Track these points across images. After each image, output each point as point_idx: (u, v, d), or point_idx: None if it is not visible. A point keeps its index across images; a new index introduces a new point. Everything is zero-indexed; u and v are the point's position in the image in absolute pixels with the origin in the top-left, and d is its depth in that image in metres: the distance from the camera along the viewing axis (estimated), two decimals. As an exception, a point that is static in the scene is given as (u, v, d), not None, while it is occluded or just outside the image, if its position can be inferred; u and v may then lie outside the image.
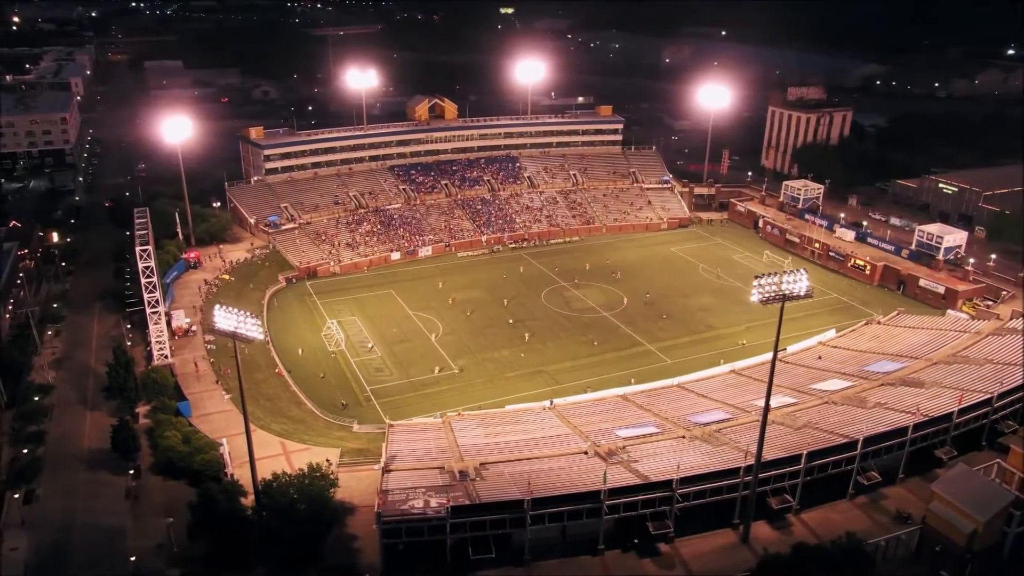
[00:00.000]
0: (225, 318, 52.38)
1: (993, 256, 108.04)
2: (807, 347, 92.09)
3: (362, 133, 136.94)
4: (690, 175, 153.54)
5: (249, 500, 56.91)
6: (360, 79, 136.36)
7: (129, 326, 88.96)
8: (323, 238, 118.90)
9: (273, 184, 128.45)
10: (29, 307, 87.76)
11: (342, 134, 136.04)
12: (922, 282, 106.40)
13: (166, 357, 79.05)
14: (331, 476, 57.77)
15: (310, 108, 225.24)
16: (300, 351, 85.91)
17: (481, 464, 62.39)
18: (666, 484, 54.64)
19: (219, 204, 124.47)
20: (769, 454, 57.61)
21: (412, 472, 61.16)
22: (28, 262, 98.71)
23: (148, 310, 76.61)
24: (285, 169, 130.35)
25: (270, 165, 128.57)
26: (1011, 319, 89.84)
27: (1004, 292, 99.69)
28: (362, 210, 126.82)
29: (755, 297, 52.59)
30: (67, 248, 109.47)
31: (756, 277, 52.91)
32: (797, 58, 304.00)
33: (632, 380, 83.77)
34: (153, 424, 68.23)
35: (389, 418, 76.49)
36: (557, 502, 52.86)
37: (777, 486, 58.21)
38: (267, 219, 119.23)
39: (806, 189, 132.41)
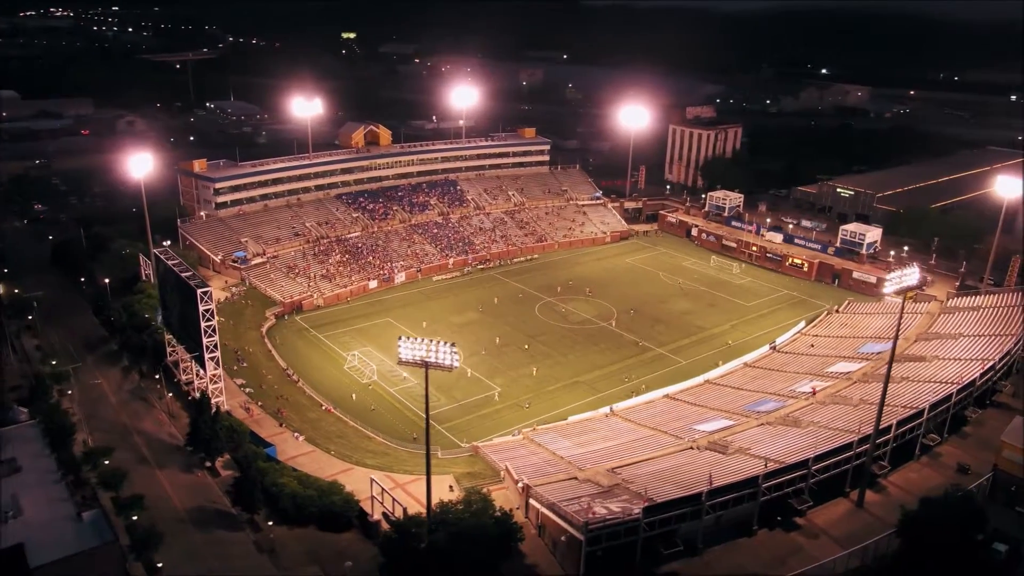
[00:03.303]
0: (413, 348, 52.27)
1: (906, 248, 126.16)
2: (792, 339, 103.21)
3: (308, 162, 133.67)
4: (608, 190, 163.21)
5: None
6: (305, 107, 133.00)
7: (157, 376, 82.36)
8: (296, 271, 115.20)
9: (226, 218, 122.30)
10: (38, 366, 79.07)
11: (290, 164, 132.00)
12: (855, 274, 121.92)
13: (223, 404, 74.66)
14: (490, 497, 58.72)
15: (191, 138, 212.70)
16: (353, 396, 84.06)
17: (610, 470, 65.89)
18: (804, 464, 61.22)
19: (169, 243, 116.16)
20: (867, 428, 65.92)
21: (551, 485, 63.46)
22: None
23: (206, 356, 72.15)
24: (235, 203, 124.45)
25: (221, 199, 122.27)
26: (948, 300, 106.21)
27: (928, 278, 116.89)
28: (325, 240, 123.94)
29: (889, 289, 60.61)
30: (29, 300, 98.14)
31: (888, 275, 60.91)
32: (648, 79, 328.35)
33: (644, 387, 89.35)
34: (256, 473, 64.71)
35: (463, 441, 77.68)
36: (726, 491, 57.64)
37: (876, 454, 66.54)
38: (234, 255, 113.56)
39: (728, 198, 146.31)
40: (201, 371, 75.20)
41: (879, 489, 66.34)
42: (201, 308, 70.20)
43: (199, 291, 69.89)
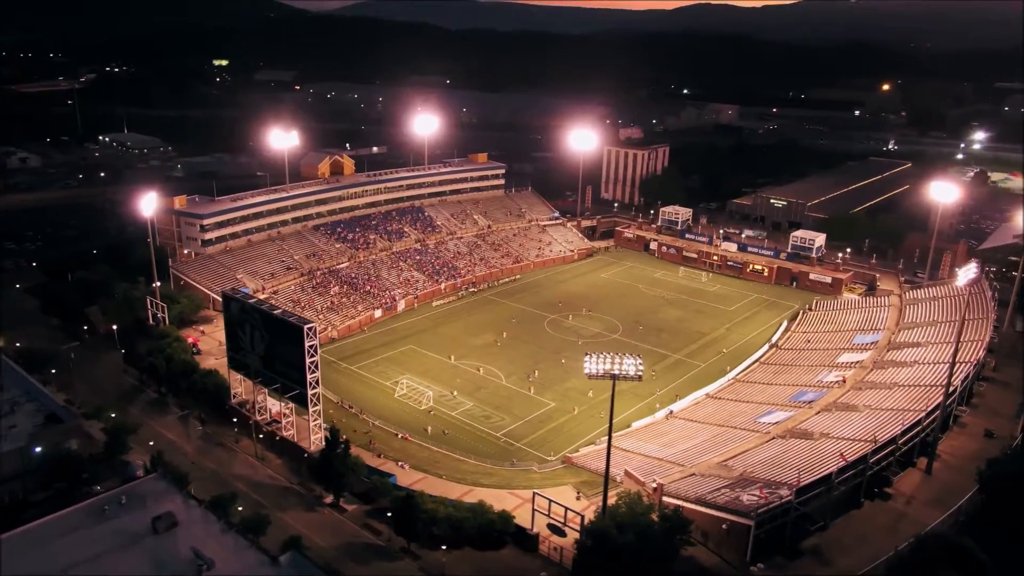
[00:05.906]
0: (599, 363, 55.86)
1: (848, 250, 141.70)
2: (786, 337, 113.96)
3: (287, 195, 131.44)
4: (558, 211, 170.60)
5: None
6: (283, 139, 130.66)
7: (235, 420, 79.41)
8: (301, 305, 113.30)
9: (215, 255, 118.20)
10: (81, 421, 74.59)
11: (269, 197, 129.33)
12: (812, 276, 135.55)
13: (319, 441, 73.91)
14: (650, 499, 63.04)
15: (102, 174, 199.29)
16: (428, 429, 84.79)
17: (721, 463, 71.92)
18: (894, 440, 70.03)
19: (159, 284, 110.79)
20: (923, 407, 76.02)
21: (678, 483, 68.57)
22: None
23: (309, 392, 71.42)
24: (220, 239, 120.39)
25: (208, 235, 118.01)
26: (904, 292, 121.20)
27: (876, 275, 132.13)
28: (319, 272, 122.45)
29: (961, 281, 70.62)
30: (65, 352, 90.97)
31: (963, 272, 70.98)
32: (541, 101, 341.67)
33: (676, 396, 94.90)
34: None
35: (549, 455, 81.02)
36: (846, 469, 65.11)
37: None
38: (239, 292, 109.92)
39: (680, 213, 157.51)
40: (293, 409, 74.03)
41: (935, 457, 76.47)
42: (307, 344, 69.60)
43: (305, 328, 69.32)
